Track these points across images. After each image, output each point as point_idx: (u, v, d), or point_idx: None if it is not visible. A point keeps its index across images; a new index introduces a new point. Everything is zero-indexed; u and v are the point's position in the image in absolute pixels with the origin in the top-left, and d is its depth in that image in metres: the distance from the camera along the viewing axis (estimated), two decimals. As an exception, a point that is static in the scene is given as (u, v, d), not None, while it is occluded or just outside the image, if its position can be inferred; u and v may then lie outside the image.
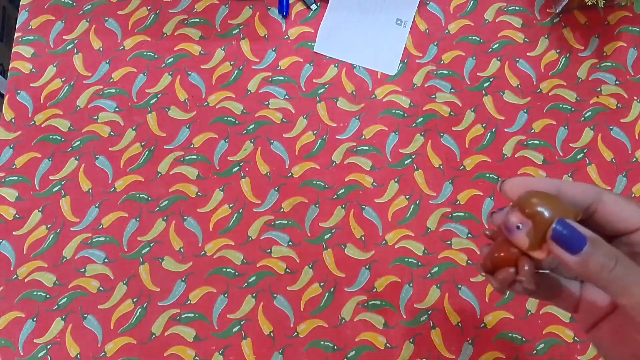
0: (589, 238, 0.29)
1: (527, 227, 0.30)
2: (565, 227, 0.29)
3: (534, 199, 0.30)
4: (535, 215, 0.29)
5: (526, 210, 0.30)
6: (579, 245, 0.29)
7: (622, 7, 0.66)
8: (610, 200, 0.32)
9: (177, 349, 0.55)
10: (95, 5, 0.66)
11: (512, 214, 0.30)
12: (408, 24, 0.65)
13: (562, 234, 0.29)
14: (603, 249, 0.29)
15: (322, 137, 0.61)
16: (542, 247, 0.30)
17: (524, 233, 0.30)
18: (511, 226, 0.30)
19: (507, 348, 0.55)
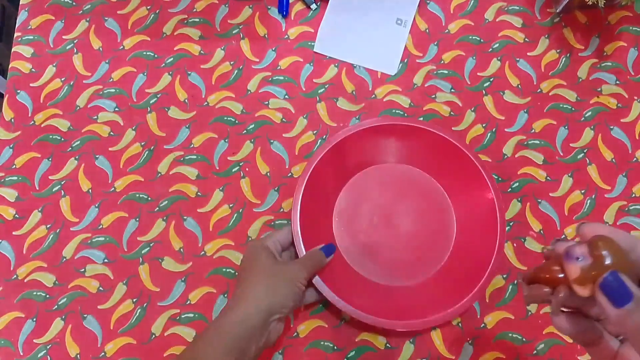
0: (636, 296, 0.30)
1: (585, 261, 0.31)
2: (616, 279, 0.30)
3: (604, 242, 0.32)
4: (598, 255, 0.31)
5: (592, 248, 0.32)
6: (623, 300, 0.30)
7: (622, 7, 0.65)
8: None
9: (177, 349, 0.55)
10: (94, 5, 0.66)
11: (579, 246, 0.32)
12: (408, 24, 0.65)
13: (611, 283, 0.30)
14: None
15: (322, 137, 0.61)
16: (585, 286, 0.32)
17: (580, 265, 0.32)
18: (573, 254, 0.32)
19: (507, 348, 0.55)
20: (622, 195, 0.59)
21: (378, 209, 0.58)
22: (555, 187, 0.60)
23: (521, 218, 0.59)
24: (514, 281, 0.57)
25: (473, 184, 0.57)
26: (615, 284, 0.30)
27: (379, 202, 0.59)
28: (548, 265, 0.34)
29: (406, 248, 0.57)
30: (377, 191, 0.59)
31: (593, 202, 0.59)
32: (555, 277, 0.34)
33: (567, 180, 0.60)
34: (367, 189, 0.59)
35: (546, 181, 0.60)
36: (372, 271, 0.57)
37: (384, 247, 0.57)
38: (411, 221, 0.58)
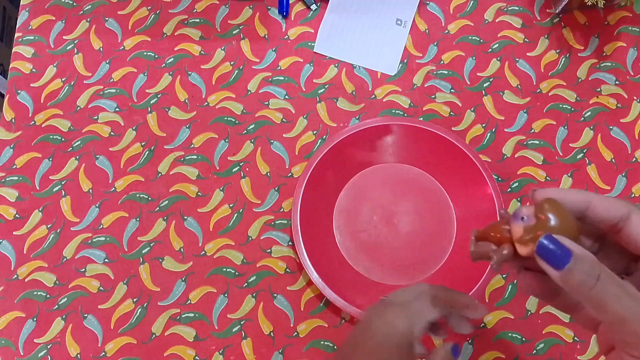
0: (575, 255, 0.29)
1: (529, 222, 0.32)
2: (551, 241, 0.30)
3: (549, 205, 0.32)
4: (541, 217, 0.31)
5: (537, 210, 0.32)
6: (562, 262, 0.30)
7: (622, 7, 0.66)
8: (636, 219, 0.32)
9: (177, 348, 0.55)
10: (95, 6, 0.66)
11: (526, 207, 0.33)
12: (408, 24, 0.65)
13: (547, 248, 0.30)
14: (585, 267, 0.29)
15: (322, 137, 0.61)
16: (526, 245, 0.32)
17: (523, 225, 0.32)
18: (518, 214, 0.33)
19: (507, 348, 0.55)
20: (621, 195, 0.59)
21: (378, 209, 0.58)
22: (554, 187, 0.60)
23: (521, 218, 0.59)
24: (513, 281, 0.57)
25: (473, 184, 0.57)
26: (551, 246, 0.30)
27: (379, 201, 0.59)
28: (499, 224, 0.35)
29: (406, 247, 0.57)
30: (377, 191, 0.59)
31: (592, 202, 0.59)
32: (503, 235, 0.34)
33: (567, 180, 0.60)
34: (367, 189, 0.59)
35: (546, 181, 0.60)
36: (372, 270, 0.57)
37: (384, 246, 0.57)
38: (411, 221, 0.58)
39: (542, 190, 0.34)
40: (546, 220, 0.31)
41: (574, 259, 0.29)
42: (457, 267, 0.56)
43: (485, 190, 0.56)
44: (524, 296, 0.56)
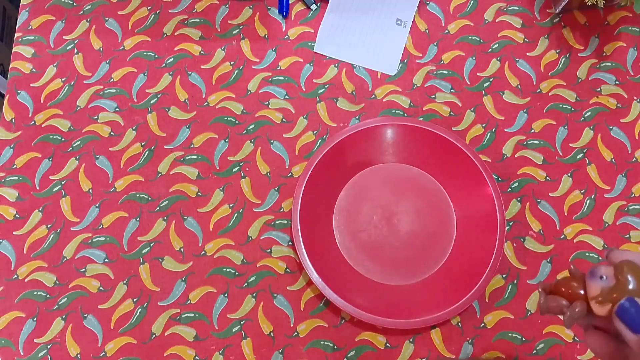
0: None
1: (608, 282, 0.32)
2: (633, 304, 0.31)
3: (629, 267, 0.32)
4: (622, 279, 0.32)
5: (617, 271, 0.32)
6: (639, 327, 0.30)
7: (621, 7, 0.66)
8: None
9: (177, 348, 0.55)
10: (95, 6, 0.66)
11: (605, 266, 0.33)
12: (408, 24, 0.65)
13: (627, 309, 0.31)
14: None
15: (322, 137, 0.61)
16: (603, 305, 0.32)
17: (601, 285, 0.33)
18: (596, 272, 0.33)
19: (507, 348, 0.55)
20: (621, 195, 0.59)
21: (378, 209, 0.58)
22: (554, 187, 0.60)
23: (521, 218, 0.59)
24: (513, 281, 0.57)
25: (473, 184, 0.57)
26: (632, 310, 0.30)
27: (379, 201, 0.59)
28: (570, 280, 0.35)
29: (406, 247, 0.57)
30: (377, 191, 0.59)
31: (593, 202, 0.59)
32: (575, 292, 0.34)
33: (567, 180, 0.60)
34: (367, 189, 0.59)
35: (546, 181, 0.60)
36: (372, 270, 0.57)
37: (384, 246, 0.57)
38: (411, 221, 0.58)
39: (619, 252, 0.34)
40: (626, 282, 0.32)
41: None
42: (457, 267, 0.56)
43: (485, 190, 0.56)
44: (524, 296, 0.56)
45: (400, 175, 0.60)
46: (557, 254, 0.58)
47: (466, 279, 0.54)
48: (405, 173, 0.60)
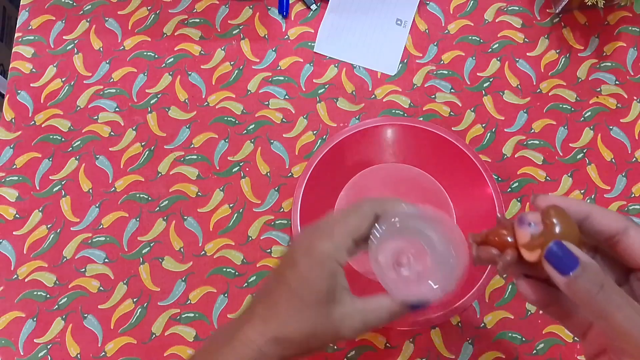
0: (582, 262, 0.30)
1: (536, 228, 0.33)
2: (560, 248, 0.31)
3: (555, 212, 0.33)
4: (549, 224, 0.32)
5: (544, 217, 0.33)
6: (568, 268, 0.31)
7: (621, 7, 0.66)
8: (634, 234, 0.33)
9: (177, 348, 0.55)
10: (95, 6, 0.66)
11: (532, 213, 0.33)
12: (408, 24, 0.65)
13: (555, 252, 0.31)
14: (591, 275, 0.30)
15: (322, 137, 0.61)
16: (533, 251, 0.33)
17: (530, 231, 0.33)
18: (524, 220, 0.33)
19: (507, 348, 0.55)
20: (621, 195, 0.59)
21: (378, 209, 0.58)
22: (554, 187, 0.60)
23: (521, 218, 0.59)
24: (513, 281, 0.57)
25: (473, 184, 0.57)
26: (560, 253, 0.31)
27: (379, 202, 0.59)
28: (499, 229, 0.35)
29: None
30: (377, 191, 0.59)
31: (593, 202, 0.59)
32: (505, 240, 0.35)
33: (567, 180, 0.60)
34: (367, 189, 0.59)
35: (546, 181, 0.60)
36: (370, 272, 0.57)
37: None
38: (411, 221, 0.58)
39: (545, 197, 0.34)
40: (553, 226, 0.32)
41: (580, 266, 0.30)
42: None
43: (485, 190, 0.56)
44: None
45: (400, 175, 0.60)
46: (557, 254, 0.57)
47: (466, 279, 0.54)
48: (405, 173, 0.60)
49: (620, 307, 0.30)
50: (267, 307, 0.37)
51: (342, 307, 0.37)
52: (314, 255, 0.36)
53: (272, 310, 0.36)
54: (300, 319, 0.36)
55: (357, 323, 0.37)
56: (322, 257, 0.36)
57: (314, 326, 0.36)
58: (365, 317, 0.38)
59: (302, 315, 0.36)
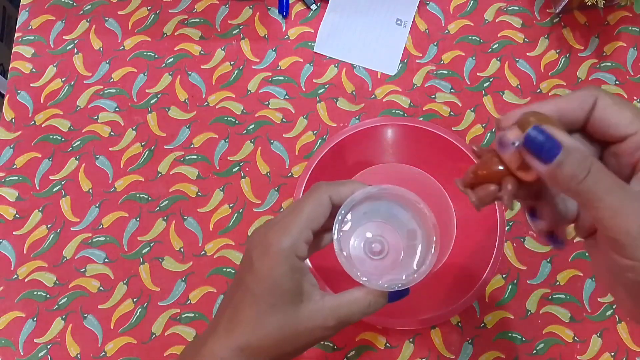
0: (565, 146, 0.27)
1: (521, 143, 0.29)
2: (540, 132, 0.28)
3: (532, 117, 0.29)
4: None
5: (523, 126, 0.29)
6: (551, 154, 0.27)
7: (621, 7, 0.66)
8: (602, 105, 0.30)
9: (177, 348, 0.55)
10: (95, 6, 0.66)
11: (510, 131, 0.29)
12: (408, 24, 0.65)
13: (534, 140, 0.28)
14: (576, 158, 0.27)
15: (322, 137, 0.61)
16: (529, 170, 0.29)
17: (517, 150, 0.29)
18: (506, 141, 0.29)
19: (507, 348, 0.55)
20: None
21: (378, 209, 0.58)
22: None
23: (521, 218, 0.59)
24: (513, 281, 0.57)
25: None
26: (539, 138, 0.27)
27: (379, 202, 0.59)
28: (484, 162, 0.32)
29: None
30: (377, 191, 0.59)
31: (592, 202, 0.59)
32: (496, 169, 0.31)
33: (567, 180, 0.60)
34: (367, 189, 0.59)
35: (546, 181, 0.60)
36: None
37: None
38: (411, 221, 0.58)
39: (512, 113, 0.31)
40: None
41: (564, 150, 0.27)
42: (458, 267, 0.56)
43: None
44: (524, 296, 0.56)
45: (400, 175, 0.60)
46: (557, 253, 0.57)
47: (466, 279, 0.54)
48: (405, 173, 0.60)
49: (611, 190, 0.27)
50: (230, 317, 0.35)
51: (311, 304, 0.35)
52: (271, 253, 0.34)
53: (235, 319, 0.34)
54: (266, 325, 0.33)
55: (329, 321, 0.35)
56: (280, 254, 0.33)
57: (282, 330, 0.34)
58: (338, 313, 0.35)
59: (267, 320, 0.33)
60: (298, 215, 0.35)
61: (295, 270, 0.34)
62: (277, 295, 0.34)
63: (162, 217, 0.59)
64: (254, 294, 0.34)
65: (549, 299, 0.56)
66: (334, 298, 0.36)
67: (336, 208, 0.36)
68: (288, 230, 0.34)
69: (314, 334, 0.35)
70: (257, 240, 0.35)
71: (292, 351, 0.35)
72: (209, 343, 0.34)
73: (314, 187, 0.36)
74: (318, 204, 0.35)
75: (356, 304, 0.36)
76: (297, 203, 0.36)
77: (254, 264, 0.34)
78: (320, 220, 0.35)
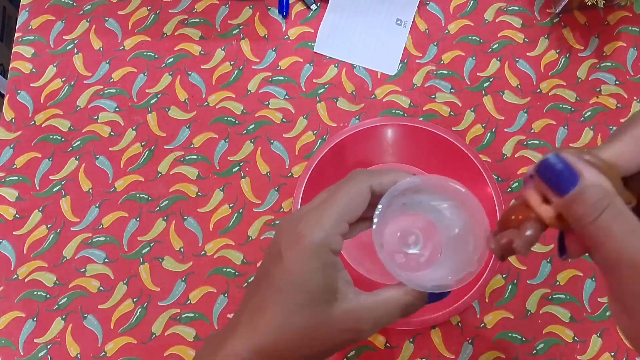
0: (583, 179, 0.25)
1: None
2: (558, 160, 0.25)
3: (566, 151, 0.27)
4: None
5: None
6: (567, 185, 0.25)
7: (621, 7, 0.66)
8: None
9: (177, 348, 0.55)
10: (95, 5, 0.66)
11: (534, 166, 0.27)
12: (408, 24, 0.65)
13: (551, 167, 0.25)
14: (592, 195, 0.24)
15: (322, 137, 0.61)
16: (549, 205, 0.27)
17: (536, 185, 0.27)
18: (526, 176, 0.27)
19: (507, 348, 0.55)
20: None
21: (378, 209, 0.58)
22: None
23: (521, 218, 0.59)
24: (513, 281, 0.57)
25: (473, 184, 0.57)
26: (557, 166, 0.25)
27: (379, 202, 0.59)
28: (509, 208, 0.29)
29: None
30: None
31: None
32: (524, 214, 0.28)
33: (567, 180, 0.60)
34: (367, 189, 0.59)
35: (546, 181, 0.60)
36: (372, 270, 0.57)
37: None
38: (411, 221, 0.58)
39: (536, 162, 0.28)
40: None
41: (580, 183, 0.24)
42: (457, 267, 0.56)
43: (485, 190, 0.56)
44: (524, 296, 0.56)
45: (400, 175, 0.60)
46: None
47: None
48: (405, 173, 0.60)
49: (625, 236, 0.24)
50: (252, 315, 0.31)
51: (345, 304, 0.31)
52: (303, 246, 0.30)
53: (257, 318, 0.31)
54: (292, 326, 0.30)
55: (364, 323, 0.31)
56: (312, 247, 0.30)
57: (310, 332, 0.30)
58: (374, 315, 0.31)
59: (294, 320, 0.30)
60: (334, 204, 0.31)
61: (328, 266, 0.31)
62: (307, 293, 0.30)
63: (162, 217, 0.59)
64: (281, 290, 0.30)
65: (549, 299, 0.56)
66: (369, 297, 0.32)
67: (375, 198, 0.32)
68: (322, 221, 0.31)
69: (345, 336, 0.31)
70: (288, 230, 0.32)
71: (318, 355, 0.32)
72: (228, 344, 0.31)
73: (351, 175, 0.33)
74: (356, 194, 0.32)
75: (394, 304, 0.32)
76: (333, 191, 0.32)
77: (283, 256, 0.31)
78: (357, 212, 0.32)
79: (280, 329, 0.30)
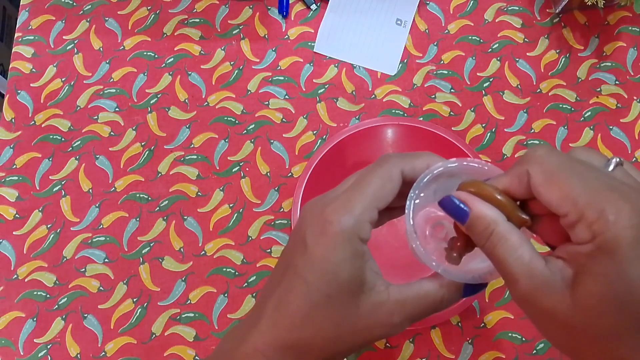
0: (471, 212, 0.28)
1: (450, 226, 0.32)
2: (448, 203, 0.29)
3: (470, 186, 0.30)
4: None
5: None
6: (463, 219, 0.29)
7: (622, 7, 0.66)
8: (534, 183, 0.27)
9: (177, 348, 0.55)
10: (95, 5, 0.66)
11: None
12: (408, 24, 0.65)
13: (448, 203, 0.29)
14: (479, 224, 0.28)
15: (322, 137, 0.61)
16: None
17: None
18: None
19: (507, 348, 0.55)
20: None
21: (378, 209, 0.58)
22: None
23: (521, 218, 0.59)
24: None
25: (473, 184, 0.57)
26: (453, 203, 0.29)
27: (379, 202, 0.59)
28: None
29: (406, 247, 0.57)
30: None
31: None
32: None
33: (567, 180, 0.60)
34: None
35: (546, 181, 0.60)
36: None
37: (384, 245, 0.57)
38: (411, 221, 0.58)
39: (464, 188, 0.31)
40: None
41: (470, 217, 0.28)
42: (457, 267, 0.56)
43: (485, 190, 0.56)
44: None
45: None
46: (557, 254, 0.57)
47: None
48: (405, 173, 0.60)
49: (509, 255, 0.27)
50: (275, 307, 0.29)
51: (374, 297, 0.29)
52: (330, 234, 0.28)
53: (281, 311, 0.29)
54: (319, 320, 0.28)
55: (395, 317, 0.29)
56: (340, 235, 0.28)
57: (338, 327, 0.29)
58: (405, 308, 0.30)
59: (320, 314, 0.28)
60: (363, 190, 0.29)
61: (357, 255, 0.29)
62: (335, 285, 0.28)
63: (162, 217, 0.59)
64: (307, 281, 0.28)
65: (549, 299, 0.56)
66: (400, 289, 0.30)
67: (406, 184, 0.31)
68: (351, 207, 0.29)
69: (375, 332, 0.30)
70: (313, 217, 0.30)
71: (345, 351, 0.30)
72: (251, 339, 0.29)
73: (382, 159, 0.31)
74: (387, 179, 0.30)
75: (427, 298, 0.31)
76: (363, 175, 0.31)
77: (308, 245, 0.29)
78: (388, 199, 0.30)
79: (305, 323, 0.29)
